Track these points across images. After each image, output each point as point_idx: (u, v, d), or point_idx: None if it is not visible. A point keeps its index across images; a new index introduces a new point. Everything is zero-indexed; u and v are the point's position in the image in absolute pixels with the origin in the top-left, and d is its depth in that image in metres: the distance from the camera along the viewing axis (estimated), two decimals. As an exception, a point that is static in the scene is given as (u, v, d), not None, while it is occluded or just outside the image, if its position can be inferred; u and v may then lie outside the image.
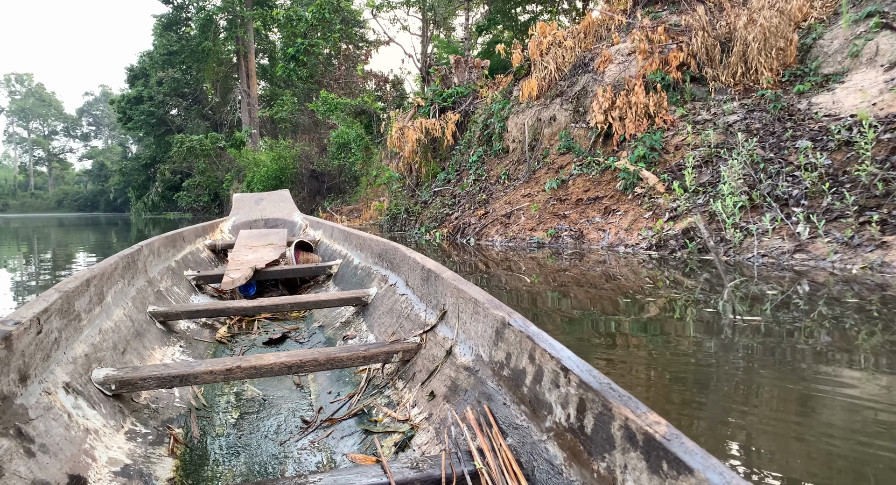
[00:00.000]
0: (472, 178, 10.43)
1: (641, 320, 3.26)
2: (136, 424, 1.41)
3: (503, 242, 7.72)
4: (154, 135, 38.61)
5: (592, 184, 7.54)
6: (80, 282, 1.58)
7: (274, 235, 4.23)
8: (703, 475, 0.67)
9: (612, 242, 6.54)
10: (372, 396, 1.71)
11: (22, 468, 0.98)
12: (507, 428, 1.16)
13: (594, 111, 7.89)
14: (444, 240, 8.99)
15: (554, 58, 9.65)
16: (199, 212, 33.14)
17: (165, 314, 2.22)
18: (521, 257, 6.76)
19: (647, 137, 7.18)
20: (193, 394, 1.75)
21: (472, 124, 11.80)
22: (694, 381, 2.17)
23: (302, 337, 2.59)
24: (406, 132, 13.07)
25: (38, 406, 1.14)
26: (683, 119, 7.27)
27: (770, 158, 5.86)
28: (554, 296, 4.25)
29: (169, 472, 1.27)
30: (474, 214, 8.99)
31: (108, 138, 70.26)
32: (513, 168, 9.57)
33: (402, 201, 11.85)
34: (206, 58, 35.74)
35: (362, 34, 30.42)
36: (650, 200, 6.62)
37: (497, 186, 9.47)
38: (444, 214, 9.94)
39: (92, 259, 7.71)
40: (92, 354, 1.50)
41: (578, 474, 0.93)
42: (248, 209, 5.62)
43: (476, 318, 1.46)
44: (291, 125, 31.45)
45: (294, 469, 1.37)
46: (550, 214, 7.58)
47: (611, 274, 5.00)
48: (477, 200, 9.42)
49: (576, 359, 1.03)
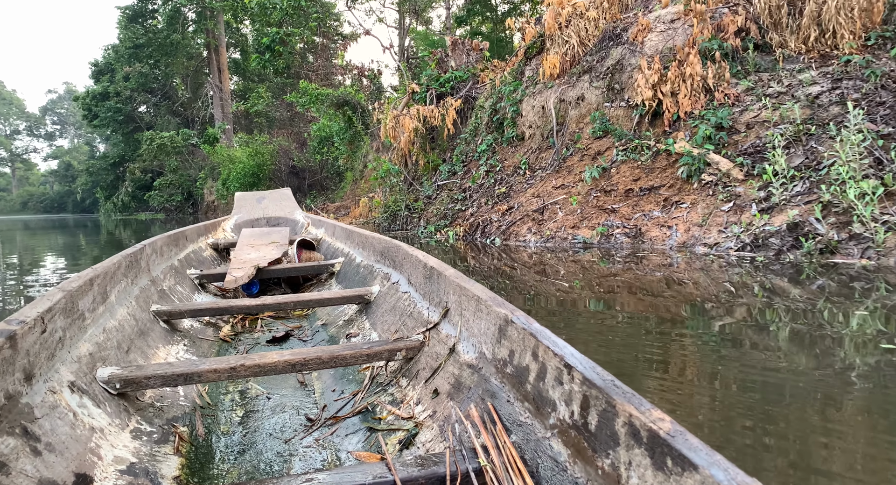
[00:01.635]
0: (484, 169, 9.09)
1: (731, 345, 2.34)
2: (141, 422, 1.39)
3: (538, 241, 6.41)
4: (122, 132, 36.36)
5: (643, 171, 6.27)
6: (83, 281, 1.55)
7: (276, 234, 4.12)
8: (707, 472, 0.66)
9: (685, 242, 5.28)
10: (376, 393, 1.67)
11: (28, 467, 0.97)
12: (510, 425, 1.13)
13: (639, 87, 6.62)
14: (460, 240, 7.65)
15: (576, 30, 8.35)
16: (171, 212, 31.18)
17: (169, 313, 2.18)
18: (561, 260, 5.47)
19: (710, 114, 5.93)
20: (198, 392, 1.71)
21: (478, 110, 10.43)
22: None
23: (305, 335, 2.54)
24: (401, 121, 11.66)
25: (43, 405, 1.12)
26: (750, 93, 6.04)
27: (889, 132, 4.66)
28: (602, 307, 3.22)
29: (174, 470, 1.25)
30: (494, 209, 7.66)
31: (74, 137, 66.64)
32: (533, 157, 8.25)
33: (402, 197, 10.45)
34: (174, 51, 33.64)
35: (336, 27, 28.79)
36: (726, 189, 5.38)
37: (517, 178, 8.14)
38: (455, 210, 8.58)
39: (61, 264, 7.20)
40: (96, 353, 1.48)
41: (583, 471, 0.91)
42: (250, 208, 5.48)
43: (479, 315, 1.42)
44: (267, 120, 29.67)
45: (299, 467, 1.34)
46: (595, 209, 6.30)
47: (692, 283, 3.74)
48: (495, 194, 8.08)
49: (579, 356, 1.00)
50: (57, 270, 6.35)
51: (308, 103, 18.65)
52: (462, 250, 6.66)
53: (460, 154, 10.27)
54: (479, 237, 7.41)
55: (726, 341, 2.43)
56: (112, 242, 12.33)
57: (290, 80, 29.62)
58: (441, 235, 8.18)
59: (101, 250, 9.75)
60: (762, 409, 1.69)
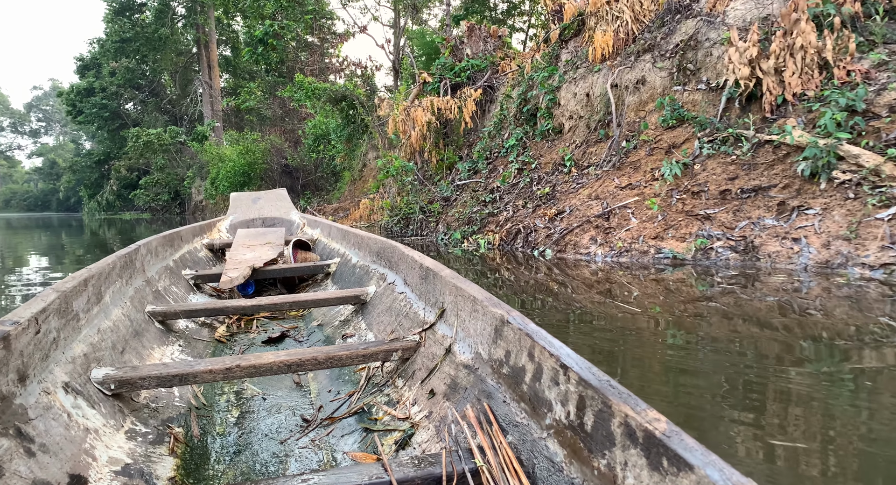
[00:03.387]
0: (515, 167, 7.64)
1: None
2: (136, 423, 1.36)
3: (607, 255, 4.97)
4: (108, 129, 34.41)
5: (740, 168, 4.86)
6: (77, 282, 1.51)
7: (272, 234, 4.03)
8: (703, 472, 0.64)
9: (827, 260, 3.87)
10: (372, 394, 1.64)
11: (22, 468, 0.94)
12: (507, 426, 1.11)
13: (730, 64, 5.21)
14: (494, 249, 6.20)
15: (629, 4, 6.94)
16: (157, 212, 29.33)
17: (164, 314, 2.11)
18: (637, 279, 4.07)
19: (837, 94, 4.54)
20: (193, 393, 1.67)
21: (504, 101, 8.97)
22: None
23: (301, 336, 2.46)
24: (413, 114, 10.18)
25: (37, 406, 1.10)
26: (883, 68, 4.66)
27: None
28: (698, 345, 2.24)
29: (169, 471, 1.22)
30: (537, 213, 6.21)
31: (59, 135, 63.80)
32: (579, 152, 6.82)
33: (416, 198, 8.95)
34: (163, 46, 31.83)
35: (330, 26, 27.21)
36: (877, 190, 3.99)
37: (559, 176, 6.70)
38: (484, 214, 7.11)
39: (44, 263, 6.87)
40: (91, 353, 1.44)
41: (579, 472, 0.89)
42: (246, 208, 5.36)
43: (475, 316, 1.38)
44: (259, 118, 27.94)
45: (295, 468, 1.31)
46: (682, 215, 4.87)
47: (839, 318, 2.34)
48: (535, 195, 6.64)
49: (575, 356, 0.98)
50: (40, 270, 5.96)
51: (304, 98, 17.03)
52: (497, 262, 5.21)
53: (483, 150, 8.81)
54: (520, 246, 5.96)
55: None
56: (96, 242, 11.40)
57: (282, 78, 27.94)
58: (469, 242, 6.72)
59: (85, 250, 8.94)
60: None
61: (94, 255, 7.75)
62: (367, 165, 16.31)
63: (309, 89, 16.53)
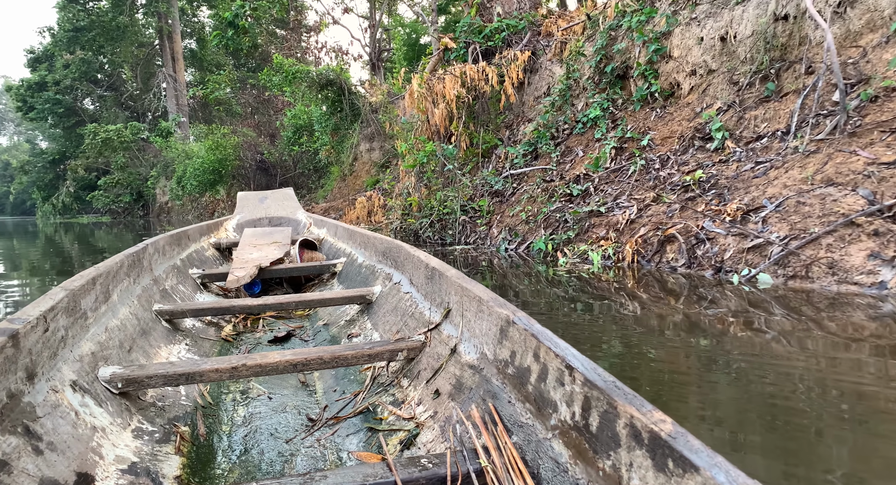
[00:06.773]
0: (610, 145, 5.17)
1: None
2: (143, 422, 1.30)
3: (916, 287, 2.56)
4: (63, 127, 30.53)
5: None
6: (85, 280, 1.46)
7: (278, 234, 3.83)
8: (708, 473, 0.61)
9: None
10: (377, 394, 1.56)
11: (30, 466, 0.92)
12: (512, 426, 1.06)
13: None
14: (620, 266, 3.74)
15: None
16: (119, 214, 25.76)
17: (171, 313, 2.02)
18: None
19: None
20: (199, 392, 1.59)
21: (569, 61, 6.44)
22: None
23: (307, 335, 2.35)
24: (435, 87, 7.60)
25: (45, 404, 1.06)
26: None
27: None
28: None
29: (176, 470, 1.17)
30: (697, 211, 3.76)
31: (13, 134, 58.27)
32: (731, 120, 4.41)
33: (454, 193, 6.37)
34: (121, 37, 28.14)
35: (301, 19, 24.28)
36: None
37: (703, 155, 4.27)
38: (582, 213, 4.62)
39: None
40: (98, 352, 1.39)
41: (584, 472, 0.85)
42: (252, 207, 5.11)
43: (480, 316, 1.32)
44: (228, 112, 24.74)
45: (300, 467, 1.26)
46: None
47: None
48: (676, 184, 4.18)
49: (581, 357, 0.93)
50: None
51: (283, 83, 14.13)
52: (639, 290, 2.75)
53: (544, 127, 6.30)
54: (682, 265, 3.50)
55: None
56: (50, 246, 9.27)
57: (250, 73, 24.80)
58: (568, 254, 4.22)
59: (43, 257, 7.03)
60: None
61: (55, 263, 6.10)
62: (360, 158, 13.61)
63: (289, 73, 13.62)
